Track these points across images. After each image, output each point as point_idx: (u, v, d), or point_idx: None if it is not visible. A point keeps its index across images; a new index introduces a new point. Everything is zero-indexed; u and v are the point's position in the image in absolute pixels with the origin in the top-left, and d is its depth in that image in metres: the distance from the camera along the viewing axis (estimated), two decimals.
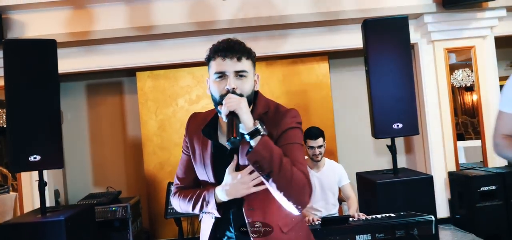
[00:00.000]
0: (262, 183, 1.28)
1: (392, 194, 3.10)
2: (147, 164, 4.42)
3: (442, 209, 4.21)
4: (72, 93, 4.66)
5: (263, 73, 4.46)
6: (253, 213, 1.32)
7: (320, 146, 2.97)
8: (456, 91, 5.22)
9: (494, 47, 4.42)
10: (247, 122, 1.23)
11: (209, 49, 1.39)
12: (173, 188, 1.53)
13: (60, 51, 3.15)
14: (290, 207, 1.27)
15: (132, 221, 3.72)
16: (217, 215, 1.36)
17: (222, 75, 1.33)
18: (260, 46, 4.33)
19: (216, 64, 1.34)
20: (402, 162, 4.70)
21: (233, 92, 1.29)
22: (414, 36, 4.39)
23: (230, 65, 1.32)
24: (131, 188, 4.52)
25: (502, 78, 4.56)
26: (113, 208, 3.66)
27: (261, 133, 1.22)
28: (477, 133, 4.55)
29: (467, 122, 5.42)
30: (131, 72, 4.56)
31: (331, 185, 3.02)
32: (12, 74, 2.91)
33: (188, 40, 4.25)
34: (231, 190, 1.31)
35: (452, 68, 4.68)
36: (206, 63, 1.41)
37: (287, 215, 1.35)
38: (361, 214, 2.61)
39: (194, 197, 1.40)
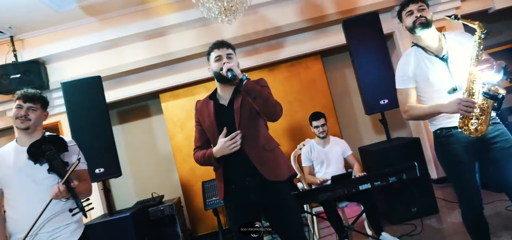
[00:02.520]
0: (244, 137, 2.07)
1: (388, 158, 3.75)
2: (180, 171, 5.11)
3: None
4: None
5: (267, 78, 4.99)
6: (248, 141, 2.07)
7: (323, 125, 3.68)
8: None
9: (461, 26, 5.11)
10: (238, 72, 2.06)
11: (210, 46, 2.24)
12: (193, 151, 2.28)
13: None
14: (267, 116, 2.07)
15: (178, 216, 4.41)
16: (217, 165, 2.13)
17: (219, 57, 2.15)
18: (261, 55, 5.05)
19: (215, 52, 2.18)
20: (403, 134, 5.39)
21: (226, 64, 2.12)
22: (391, 25, 5.11)
23: (223, 51, 2.17)
24: (169, 194, 5.15)
25: None
26: (161, 208, 4.36)
27: (247, 76, 2.04)
28: None
29: None
30: (154, 95, 5.25)
31: (337, 157, 3.73)
32: (72, 107, 3.65)
33: (200, 60, 4.91)
34: (219, 151, 2.07)
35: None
36: (207, 54, 2.23)
37: (268, 140, 2.15)
38: (361, 173, 3.31)
39: (205, 154, 2.16)
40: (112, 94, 4.87)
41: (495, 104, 2.05)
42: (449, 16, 2.25)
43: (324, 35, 5.04)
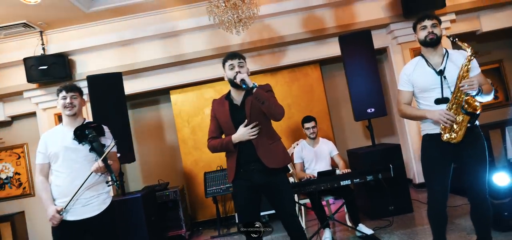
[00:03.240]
0: (254, 134, 2.54)
1: (372, 160, 4.20)
2: (185, 162, 5.61)
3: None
4: None
5: (269, 82, 5.45)
6: (257, 135, 2.55)
7: (314, 127, 4.17)
8: None
9: (450, 45, 5.51)
10: (249, 82, 2.48)
11: (224, 57, 2.68)
12: (207, 141, 2.74)
13: None
14: (272, 117, 2.55)
15: (181, 202, 4.91)
16: (234, 150, 2.58)
17: (232, 66, 2.60)
18: (265, 61, 5.52)
19: (229, 62, 2.62)
20: (394, 141, 5.82)
21: (239, 72, 2.56)
22: (386, 40, 5.57)
23: (235, 61, 2.61)
24: (174, 182, 5.64)
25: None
26: (167, 193, 4.87)
27: (257, 86, 2.47)
28: None
29: None
30: (165, 91, 5.74)
31: (325, 155, 4.22)
32: (94, 98, 4.16)
33: (209, 62, 5.40)
34: (238, 138, 2.55)
35: None
36: (223, 63, 2.68)
37: (271, 135, 2.65)
38: (345, 170, 3.79)
39: (222, 142, 2.63)
40: (127, 87, 5.26)
41: (471, 119, 2.46)
42: (448, 37, 2.62)
43: (323, 46, 5.50)
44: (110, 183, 2.50)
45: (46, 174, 2.61)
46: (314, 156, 4.17)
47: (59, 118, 5.19)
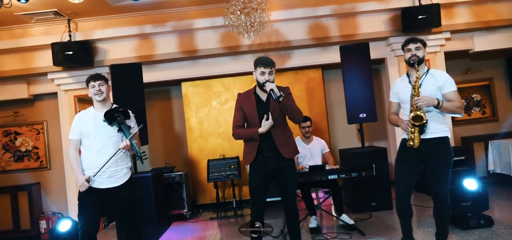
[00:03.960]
0: (273, 125, 2.99)
1: (360, 161, 4.65)
2: (190, 149, 6.09)
3: None
4: None
5: (275, 80, 6.07)
6: (275, 129, 3.02)
7: (309, 126, 4.63)
8: None
9: (443, 60, 5.88)
10: (277, 92, 2.89)
11: (255, 60, 3.07)
12: (233, 129, 3.16)
13: None
14: (293, 121, 3.05)
15: (185, 184, 5.40)
16: (258, 139, 3.02)
17: (263, 73, 3.00)
18: None
19: (261, 68, 3.00)
20: (384, 146, 6.24)
21: (269, 81, 2.98)
22: (384, 52, 5.98)
23: (267, 69, 2.99)
24: (178, 167, 6.11)
25: (458, 83, 6.10)
26: (173, 175, 5.35)
27: (283, 95, 2.90)
28: None
29: None
30: (177, 82, 6.21)
31: (317, 152, 4.69)
32: (116, 85, 4.64)
33: (220, 59, 5.85)
34: (264, 129, 2.98)
35: None
36: (255, 65, 3.06)
37: (287, 131, 3.11)
38: (334, 167, 4.25)
39: (248, 132, 3.08)
40: (144, 77, 5.80)
41: (419, 129, 2.92)
42: (407, 61, 3.01)
43: (325, 52, 5.90)
44: (136, 158, 2.97)
45: (77, 148, 3.09)
46: (307, 153, 4.64)
47: (79, 100, 5.70)
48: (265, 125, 2.96)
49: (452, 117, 5.27)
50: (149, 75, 5.80)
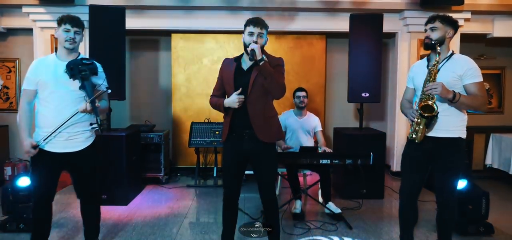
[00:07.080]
0: (242, 102, 2.53)
1: (355, 143, 4.26)
2: (174, 108, 5.64)
3: None
4: None
5: (273, 44, 5.56)
6: (253, 106, 2.56)
7: (304, 97, 4.18)
8: None
9: (459, 42, 5.44)
10: (258, 54, 2.44)
11: (247, 20, 2.59)
12: (210, 96, 2.76)
13: None
14: (271, 93, 2.54)
15: (163, 146, 4.99)
16: (223, 112, 2.63)
17: (251, 34, 2.52)
18: (272, 22, 5.25)
19: (250, 28, 2.53)
20: (382, 127, 5.82)
21: (255, 42, 2.49)
22: (397, 26, 5.46)
23: (256, 30, 2.51)
24: (160, 125, 5.67)
25: None
26: (151, 135, 4.93)
27: (264, 59, 2.45)
28: None
29: None
30: (167, 33, 5.66)
31: (309, 129, 4.25)
32: (94, 29, 4.09)
33: (216, 13, 5.28)
34: (229, 103, 2.55)
35: (423, 57, 5.75)
36: (245, 25, 2.57)
37: (269, 109, 2.63)
38: (327, 149, 3.85)
39: (218, 102, 2.66)
40: (129, 22, 5.15)
41: (426, 121, 2.50)
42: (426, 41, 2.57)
43: (332, 19, 5.38)
44: (95, 126, 2.51)
45: (31, 101, 2.60)
46: (298, 127, 4.21)
47: (56, 40, 5.13)
48: (233, 98, 2.54)
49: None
50: (137, 22, 5.26)
